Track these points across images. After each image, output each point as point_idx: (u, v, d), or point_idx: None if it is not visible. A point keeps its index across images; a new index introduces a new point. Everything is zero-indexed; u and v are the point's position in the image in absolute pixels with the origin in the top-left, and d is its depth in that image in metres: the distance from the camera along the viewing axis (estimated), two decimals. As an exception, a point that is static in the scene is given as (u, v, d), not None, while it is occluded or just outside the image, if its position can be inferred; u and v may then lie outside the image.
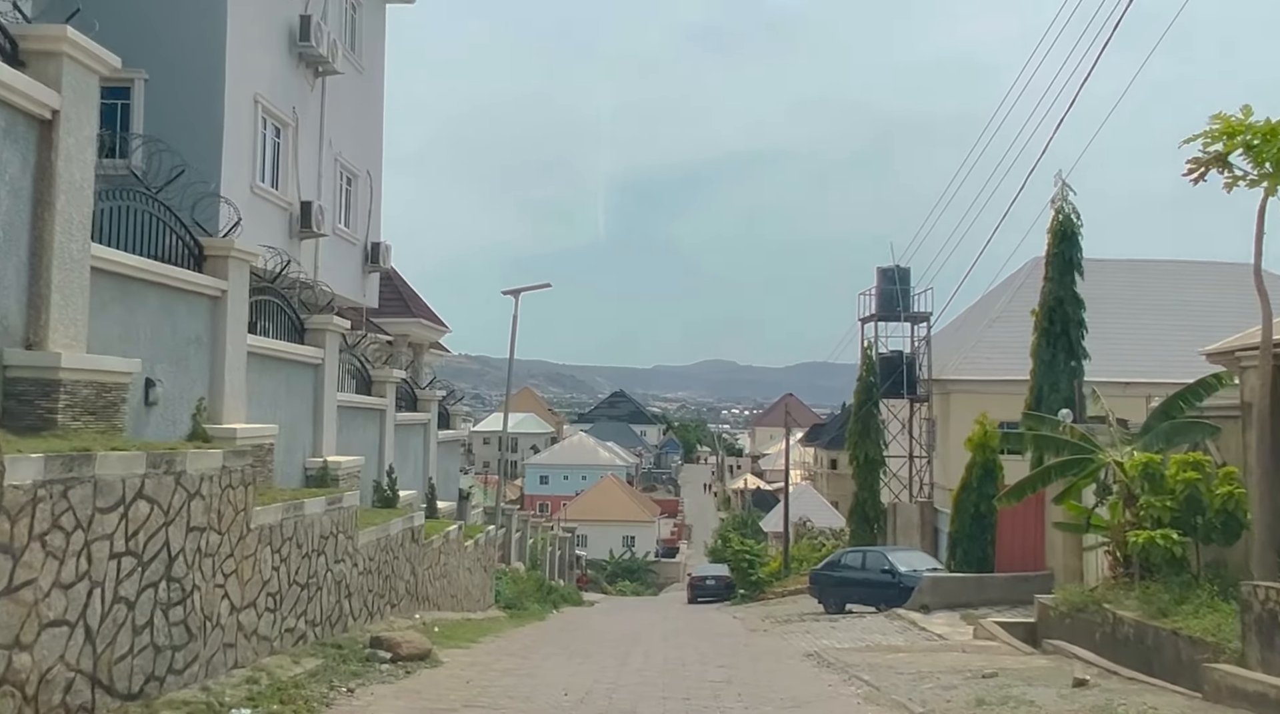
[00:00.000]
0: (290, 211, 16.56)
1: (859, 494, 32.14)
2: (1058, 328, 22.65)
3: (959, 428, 34.09)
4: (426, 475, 19.92)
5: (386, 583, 13.15)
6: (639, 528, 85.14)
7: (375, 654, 10.20)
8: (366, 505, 15.85)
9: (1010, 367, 34.38)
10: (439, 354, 35.45)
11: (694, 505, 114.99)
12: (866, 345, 33.92)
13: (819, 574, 24.04)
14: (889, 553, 22.52)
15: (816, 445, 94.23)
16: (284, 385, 12.94)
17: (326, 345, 14.14)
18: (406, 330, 27.75)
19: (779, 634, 17.46)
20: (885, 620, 17.80)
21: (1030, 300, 37.68)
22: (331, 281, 18.73)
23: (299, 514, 9.92)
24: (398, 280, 30.01)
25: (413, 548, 14.53)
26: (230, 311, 10.95)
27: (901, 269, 34.61)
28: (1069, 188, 23.07)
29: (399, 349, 26.15)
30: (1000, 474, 20.57)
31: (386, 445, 17.35)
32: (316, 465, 13.34)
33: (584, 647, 14.25)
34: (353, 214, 20.04)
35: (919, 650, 12.55)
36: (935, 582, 18.81)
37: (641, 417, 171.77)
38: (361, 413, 16.35)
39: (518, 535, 32.56)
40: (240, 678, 8.21)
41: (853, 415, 33.39)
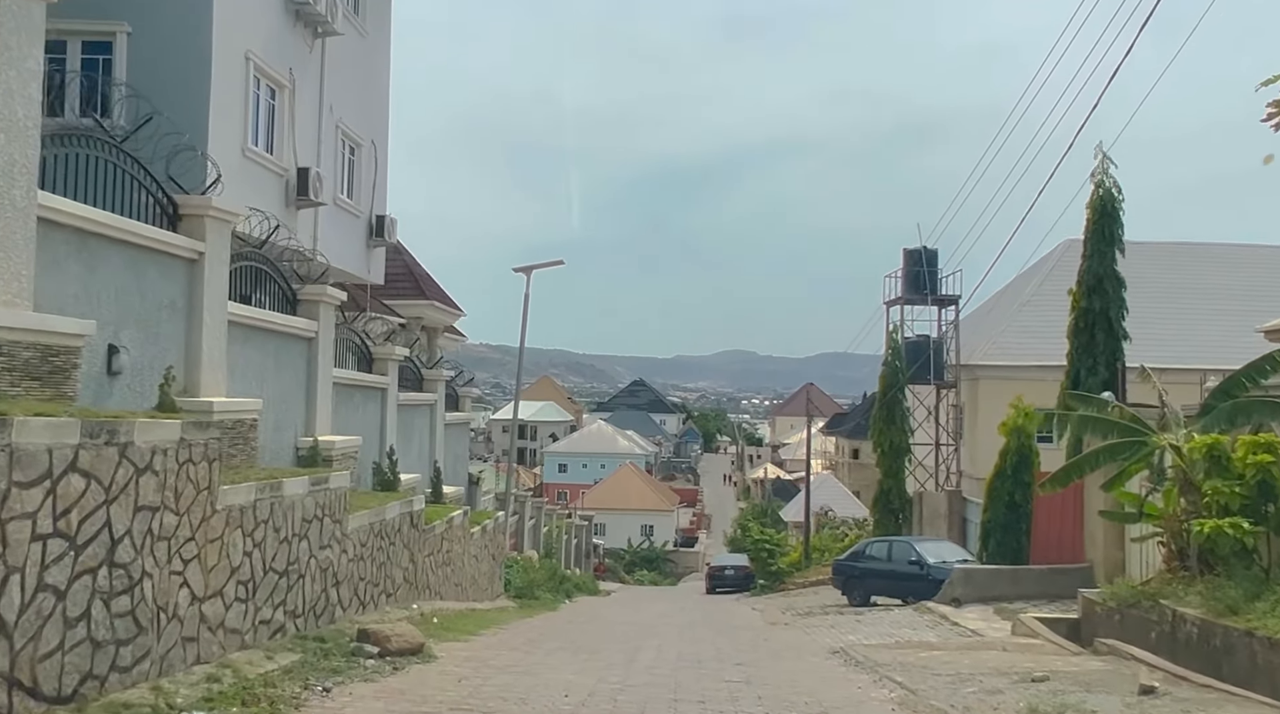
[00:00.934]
0: (286, 178, 15.69)
1: (883, 482, 31.07)
2: (1096, 307, 21.49)
3: (988, 415, 32.98)
4: (432, 459, 19.06)
5: (381, 571, 12.28)
6: (658, 517, 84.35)
7: (361, 649, 9.32)
8: (367, 488, 15.04)
9: (1042, 352, 33.27)
10: (454, 338, 34.66)
11: (713, 495, 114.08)
12: (892, 329, 32.79)
13: (842, 565, 23.05)
14: (916, 543, 21.49)
15: (838, 435, 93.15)
16: (272, 359, 12.08)
17: (320, 317, 13.28)
18: (420, 313, 26.97)
19: (801, 628, 16.50)
20: (914, 614, 16.80)
21: (1063, 283, 36.44)
22: (332, 255, 17.88)
23: (276, 495, 9.04)
24: (410, 262, 29.24)
25: (412, 534, 13.66)
26: (208, 276, 10.09)
27: (929, 250, 33.43)
28: (1110, 160, 21.88)
29: (412, 332, 25.36)
30: (1036, 460, 19.48)
31: (388, 426, 16.49)
32: (307, 445, 12.48)
33: (593, 641, 13.35)
34: (356, 185, 19.17)
35: (955, 648, 11.56)
36: (967, 574, 17.79)
37: (661, 406, 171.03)
38: (360, 391, 15.50)
39: (531, 523, 31.75)
40: (201, 675, 7.34)
41: (877, 401, 32.31)
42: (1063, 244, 37.91)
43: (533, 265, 23.19)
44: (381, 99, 20.34)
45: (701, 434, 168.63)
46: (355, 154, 19.10)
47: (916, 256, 33.34)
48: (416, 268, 29.00)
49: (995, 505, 19.51)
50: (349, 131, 18.43)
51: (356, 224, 19.26)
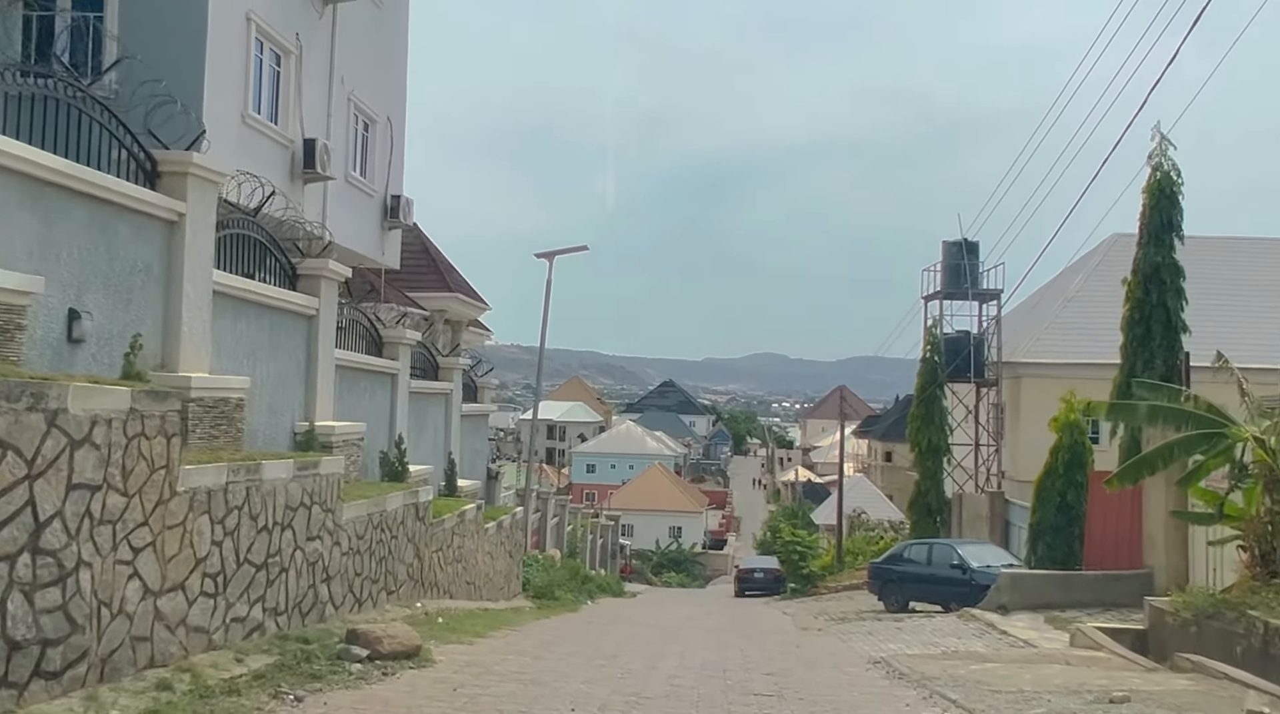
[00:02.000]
0: (291, 150, 14.82)
1: (921, 483, 29.79)
2: (1154, 298, 20.16)
3: (1030, 414, 31.63)
4: (446, 450, 18.12)
5: (381, 566, 11.33)
6: (686, 518, 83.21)
7: (348, 651, 8.35)
8: (374, 478, 14.15)
9: (1088, 349, 31.90)
10: (480, 333, 33.82)
11: (742, 498, 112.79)
12: (931, 324, 31.51)
13: (879, 568, 21.87)
14: (959, 546, 20.28)
15: (870, 437, 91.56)
16: (266, 335, 11.17)
17: (322, 294, 12.37)
18: (443, 306, 26.15)
19: (836, 634, 15.38)
20: (958, 622, 15.63)
21: (1109, 278, 35.04)
22: (343, 235, 17.01)
23: (253, 479, 8.10)
24: (434, 252, 28.44)
25: (417, 527, 12.71)
26: (190, 240, 9.19)
27: (969, 243, 32.11)
28: (1168, 142, 20.52)
29: (435, 325, 24.53)
30: (1090, 458, 18.21)
31: (398, 414, 15.57)
32: (303, 429, 11.56)
33: (611, 645, 12.32)
34: (370, 163, 18.30)
35: (1011, 660, 10.40)
36: (1014, 579, 16.57)
37: (691, 407, 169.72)
38: (368, 376, 14.58)
39: (555, 521, 30.81)
40: (151, 682, 6.40)
41: (915, 399, 31.04)
42: (1109, 238, 36.49)
43: (555, 251, 22.24)
44: (398, 74, 19.46)
45: (731, 436, 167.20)
46: (370, 131, 18.22)
47: (956, 249, 32.04)
48: (440, 259, 28.18)
49: (1045, 506, 18.26)
50: (362, 106, 17.56)
51: (370, 204, 18.38)
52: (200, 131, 9.82)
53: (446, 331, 27.52)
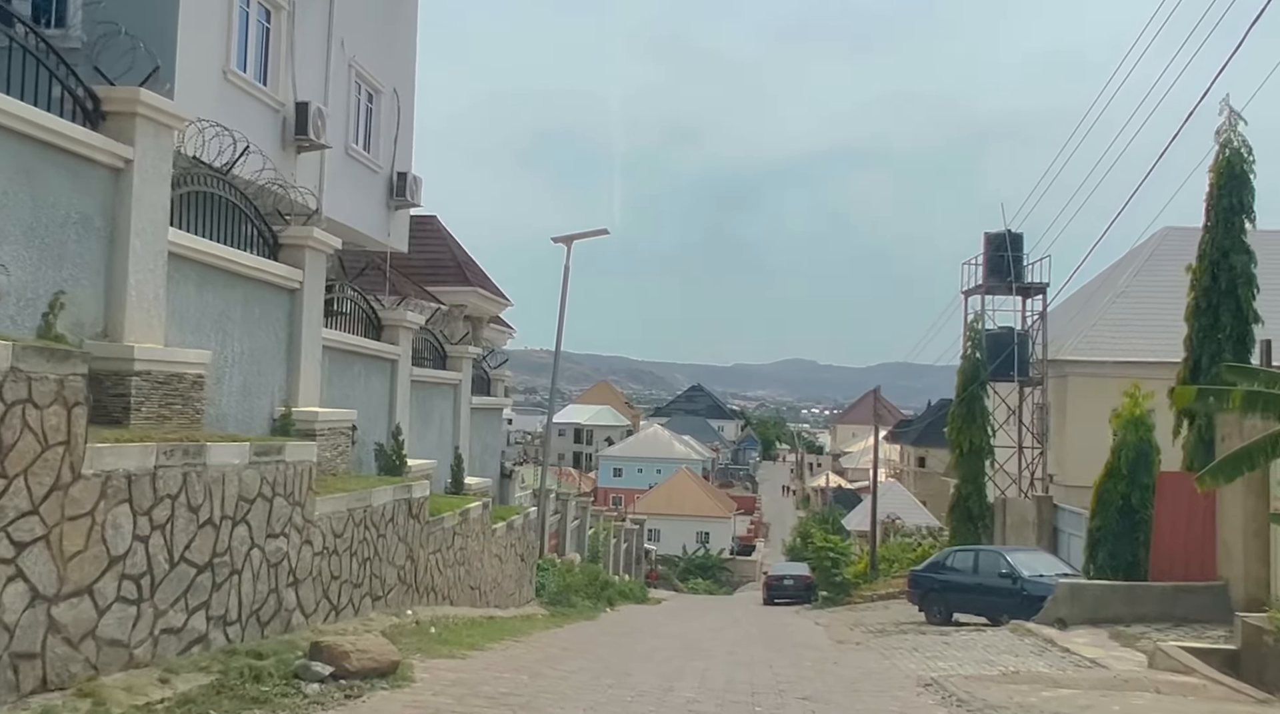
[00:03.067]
0: (282, 114, 13.61)
1: (961, 487, 28.17)
2: (1222, 285, 18.53)
3: (1077, 415, 29.92)
4: (453, 445, 16.85)
5: (366, 568, 10.04)
6: (714, 523, 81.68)
7: (308, 669, 7.06)
8: (371, 471, 12.91)
9: (1139, 347, 30.19)
10: (502, 331, 32.65)
11: (771, 505, 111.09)
12: (973, 318, 29.88)
13: (920, 577, 20.35)
14: (1008, 553, 18.72)
15: (903, 442, 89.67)
16: (239, 308, 9.93)
17: (307, 266, 11.12)
18: (463, 300, 24.99)
19: (877, 649, 13.92)
20: (1012, 637, 14.12)
21: (1160, 273, 33.31)
22: (344, 212, 15.86)
23: (193, 463, 6.83)
24: (453, 245, 27.34)
25: (411, 526, 11.42)
26: (139, 190, 7.95)
27: (1013, 234, 30.42)
28: (1238, 116, 18.89)
29: (454, 321, 23.36)
30: (1156, 457, 16.61)
31: (398, 403, 14.32)
32: (280, 413, 10.32)
33: (625, 660, 10.97)
34: (374, 137, 17.09)
35: (1088, 686, 8.93)
36: (1074, 590, 15.02)
37: (719, 411, 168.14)
38: (363, 360, 13.34)
39: (575, 523, 29.50)
40: (35, 710, 5.13)
41: (956, 398, 29.41)
42: (1160, 232, 34.74)
43: (573, 235, 20.94)
44: (406, 43, 18.26)
45: (760, 442, 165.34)
46: (374, 102, 17.02)
47: (999, 241, 30.37)
48: (460, 252, 27.04)
49: (1105, 511, 16.67)
50: (365, 74, 16.35)
51: (374, 180, 17.17)
52: (154, 67, 8.60)
53: (467, 327, 26.38)
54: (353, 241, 17.16)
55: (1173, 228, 33.36)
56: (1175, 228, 33.01)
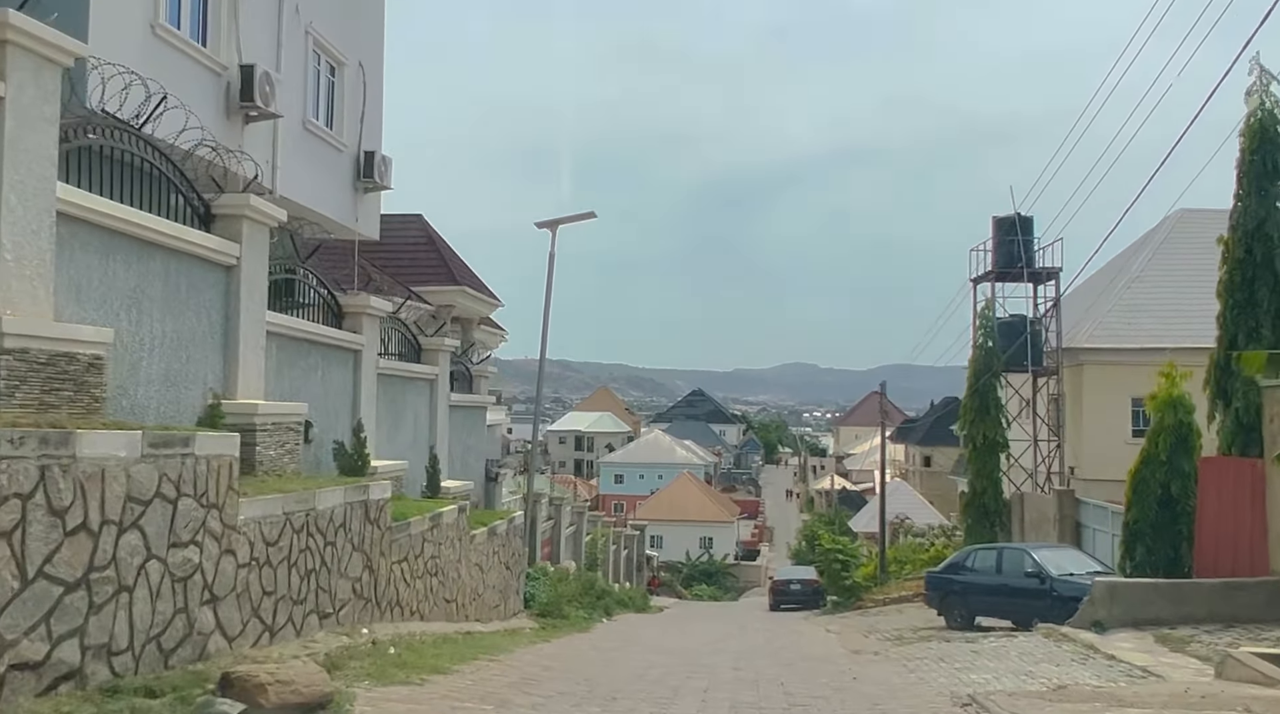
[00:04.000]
0: (225, 79, 12.25)
1: (975, 483, 26.77)
2: (1257, 257, 17.14)
3: (1094, 405, 28.62)
4: (429, 445, 15.49)
5: (310, 581, 8.66)
6: (717, 528, 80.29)
7: (211, 705, 5.70)
8: (330, 471, 11.57)
9: (1158, 332, 28.89)
10: (494, 333, 31.36)
11: (775, 509, 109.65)
12: (984, 306, 28.53)
13: (938, 578, 18.95)
14: (1034, 551, 17.32)
15: (907, 442, 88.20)
16: (159, 284, 8.57)
17: (245, 239, 9.77)
18: (451, 300, 23.75)
19: (898, 660, 12.51)
20: (1047, 643, 12.73)
21: (1175, 256, 32.03)
22: (303, 192, 14.53)
23: (54, 455, 5.46)
24: (439, 242, 26.13)
25: (369, 532, 10.04)
26: (12, 133, 6.62)
27: (1023, 218, 29.12)
28: (1269, 75, 17.54)
29: (442, 322, 22.09)
30: (1198, 441, 15.20)
31: (362, 398, 12.96)
32: (208, 404, 8.96)
33: (615, 680, 9.59)
34: (338, 112, 15.76)
35: (1159, 705, 7.54)
36: (1112, 590, 13.61)
37: (721, 416, 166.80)
38: (320, 350, 11.98)
39: (571, 530, 28.12)
40: None
41: (967, 390, 28.04)
42: (1174, 214, 33.49)
43: (558, 219, 19.53)
44: (372, 15, 16.94)
45: (762, 446, 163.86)
46: (336, 75, 15.69)
47: (1008, 225, 29.07)
48: (446, 251, 25.80)
49: (1142, 501, 15.27)
50: (326, 43, 15.03)
51: (338, 160, 15.83)
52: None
53: (456, 329, 25.08)
54: (318, 226, 15.87)
55: (1188, 209, 32.10)
56: (1191, 209, 31.76)
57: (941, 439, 77.57)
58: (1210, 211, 32.32)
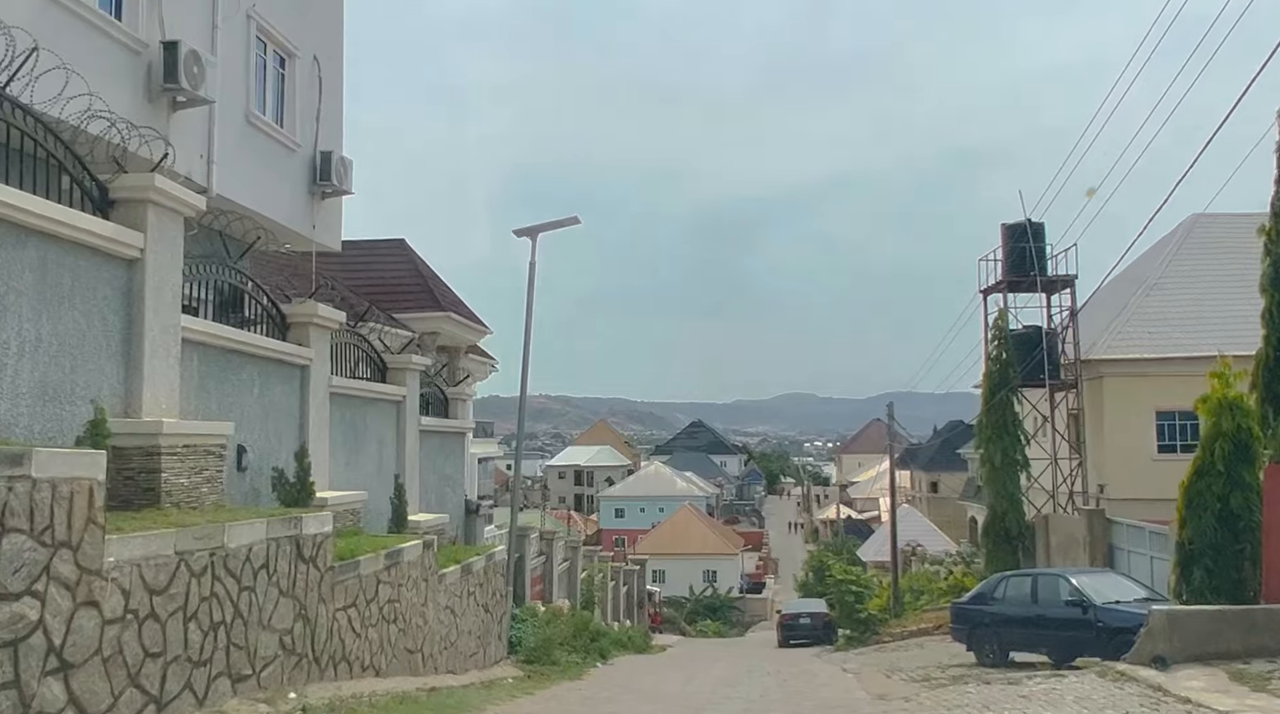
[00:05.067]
0: (145, 58, 10.73)
1: (995, 505, 25.05)
2: (1304, 246, 15.60)
3: (1115, 419, 27.05)
4: (394, 473, 13.84)
5: (216, 637, 7.00)
6: (721, 561, 78.14)
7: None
8: (268, 501, 9.95)
9: (1180, 342, 27.43)
10: (483, 362, 29.78)
11: (779, 539, 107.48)
12: (997, 316, 26.97)
13: (966, 610, 17.22)
14: (1072, 576, 15.63)
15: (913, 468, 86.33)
16: (29, 275, 7.02)
17: (150, 228, 8.23)
18: (435, 327, 22.24)
19: (934, 710, 10.78)
20: (1104, 683, 11.01)
21: (1192, 262, 30.61)
22: (250, 196, 13.00)
23: None
24: (422, 266, 24.69)
25: (303, 573, 8.38)
26: None
27: (1034, 224, 27.63)
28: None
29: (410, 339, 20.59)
30: (1260, 448, 13.56)
31: (311, 420, 11.35)
32: (92, 421, 7.35)
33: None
34: (290, 110, 14.25)
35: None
36: (1173, 619, 11.91)
37: (721, 446, 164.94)
38: (257, 364, 10.39)
39: (564, 566, 26.34)
40: None
41: (983, 406, 26.41)
42: (1188, 220, 32.24)
43: (538, 226, 17.96)
44: (329, 5, 15.51)
45: (764, 476, 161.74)
46: (287, 67, 14.21)
47: (1019, 232, 27.58)
48: (431, 276, 24.31)
49: (1198, 517, 13.58)
50: (273, 30, 13.56)
51: (290, 160, 14.30)
52: None
53: (442, 359, 23.56)
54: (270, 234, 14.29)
55: (1202, 214, 30.79)
56: (1205, 214, 30.41)
57: (947, 464, 75.83)
58: (1224, 216, 31.03)
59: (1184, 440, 26.97)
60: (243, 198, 12.76)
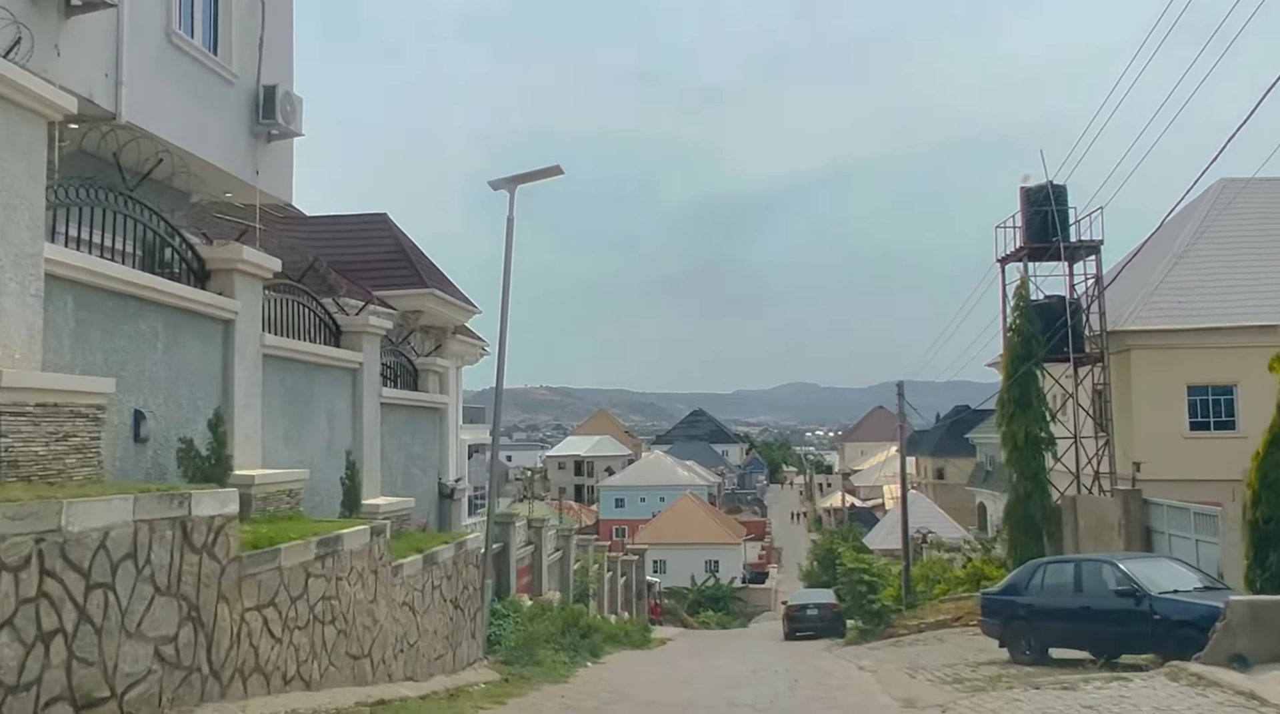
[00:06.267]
0: (24, -52, 8.93)
1: (1018, 486, 23.29)
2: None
3: (1144, 394, 25.33)
4: (345, 450, 12.05)
5: (47, 652, 5.22)
6: (723, 551, 76.52)
7: None
8: (173, 478, 8.21)
9: (1213, 311, 25.72)
10: (473, 344, 27.98)
11: (781, 529, 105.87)
12: (1019, 283, 25.15)
13: (997, 601, 15.45)
14: (1122, 562, 13.87)
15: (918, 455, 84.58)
16: None
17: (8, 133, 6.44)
18: (419, 304, 20.51)
19: (975, 719, 9.03)
20: (1183, 689, 9.25)
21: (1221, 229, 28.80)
22: (176, 130, 11.21)
23: None
24: (407, 244, 22.97)
25: (194, 565, 6.60)
26: None
27: (1056, 187, 25.79)
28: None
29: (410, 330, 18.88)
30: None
31: (236, 386, 9.56)
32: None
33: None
34: (227, 34, 12.43)
35: None
36: (1255, 611, 10.14)
37: (723, 435, 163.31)
38: (159, 314, 8.59)
39: (556, 556, 24.62)
40: None
41: (1003, 381, 24.61)
42: (1216, 185, 30.37)
43: (518, 177, 16.16)
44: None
45: (766, 464, 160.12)
46: (222, -12, 12.39)
47: (1040, 196, 25.73)
48: (414, 251, 22.59)
49: (1274, 494, 11.83)
50: (199, -58, 11.74)
51: (227, 94, 12.48)
52: None
53: (428, 341, 21.82)
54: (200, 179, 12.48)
55: (1230, 179, 29.06)
56: (1232, 179, 28.68)
57: (954, 450, 74.26)
58: (1253, 180, 29.22)
59: (1218, 416, 25.25)
60: (164, 130, 10.95)
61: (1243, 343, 25.11)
